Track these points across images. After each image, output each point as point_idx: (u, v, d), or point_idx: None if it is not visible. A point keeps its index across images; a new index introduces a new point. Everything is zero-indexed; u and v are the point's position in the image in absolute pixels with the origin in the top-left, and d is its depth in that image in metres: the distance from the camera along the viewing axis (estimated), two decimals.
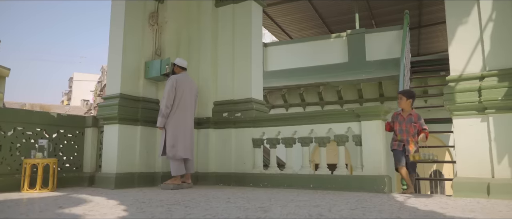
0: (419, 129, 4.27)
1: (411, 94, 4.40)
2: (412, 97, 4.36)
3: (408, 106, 4.34)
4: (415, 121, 4.29)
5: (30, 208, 3.06)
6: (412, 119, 4.30)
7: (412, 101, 4.35)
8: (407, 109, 4.35)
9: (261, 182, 4.94)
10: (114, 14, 5.26)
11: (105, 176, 4.76)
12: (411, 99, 4.34)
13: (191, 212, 2.76)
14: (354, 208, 2.96)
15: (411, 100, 4.35)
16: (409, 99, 4.34)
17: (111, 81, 5.13)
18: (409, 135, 4.25)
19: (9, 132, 4.46)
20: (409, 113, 4.33)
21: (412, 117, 4.30)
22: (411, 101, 4.35)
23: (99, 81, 44.41)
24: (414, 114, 4.32)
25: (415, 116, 4.31)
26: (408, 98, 4.34)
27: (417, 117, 4.30)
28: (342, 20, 11.11)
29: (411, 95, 4.38)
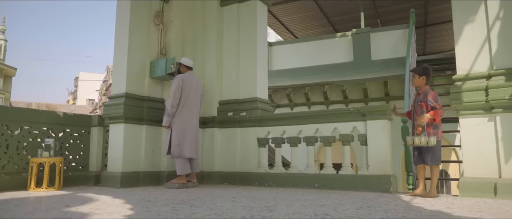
0: (428, 108, 3.71)
1: (424, 71, 3.84)
2: (426, 74, 3.82)
3: (422, 83, 3.83)
4: (422, 99, 3.77)
5: (37, 206, 3.08)
6: (419, 97, 3.81)
7: (426, 78, 3.81)
8: (421, 87, 3.85)
9: (266, 181, 4.94)
10: (120, 14, 5.27)
11: (111, 175, 4.78)
12: (424, 76, 3.82)
13: (196, 211, 2.76)
14: (360, 208, 2.95)
15: (425, 77, 3.82)
16: (423, 76, 3.82)
17: (116, 81, 5.15)
18: (416, 117, 3.78)
19: (16, 131, 4.50)
20: (419, 92, 3.87)
21: (420, 95, 3.82)
22: (425, 78, 3.81)
23: (104, 80, 44.64)
24: (423, 91, 3.80)
25: (423, 93, 3.79)
26: (421, 74, 3.83)
27: (424, 94, 3.76)
28: (347, 19, 11.07)
29: (424, 71, 3.84)
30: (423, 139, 3.62)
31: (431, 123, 3.68)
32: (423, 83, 3.83)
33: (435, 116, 3.64)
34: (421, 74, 3.83)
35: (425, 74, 3.82)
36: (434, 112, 3.64)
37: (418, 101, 3.79)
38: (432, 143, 3.60)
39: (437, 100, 3.69)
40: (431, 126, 3.68)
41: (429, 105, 3.68)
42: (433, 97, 3.71)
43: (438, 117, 3.65)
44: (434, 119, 3.64)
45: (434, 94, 3.74)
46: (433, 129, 3.69)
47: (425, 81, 3.82)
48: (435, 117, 3.64)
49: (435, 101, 3.69)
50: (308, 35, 11.99)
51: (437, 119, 3.66)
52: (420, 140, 3.63)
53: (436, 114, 3.63)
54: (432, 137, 3.61)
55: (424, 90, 3.80)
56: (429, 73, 3.85)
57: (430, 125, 3.68)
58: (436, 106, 3.66)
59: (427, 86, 3.84)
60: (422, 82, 3.83)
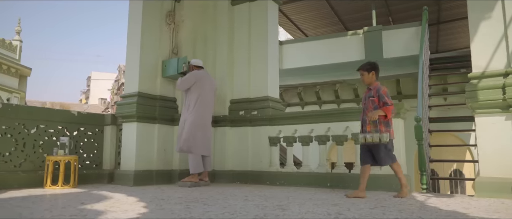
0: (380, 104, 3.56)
1: (372, 66, 3.71)
2: (374, 69, 3.69)
3: (372, 80, 3.70)
4: (374, 94, 3.63)
5: (53, 203, 3.13)
6: (371, 92, 3.67)
7: (375, 73, 3.69)
8: (372, 83, 3.71)
9: (278, 180, 4.93)
10: (132, 13, 5.32)
11: (124, 173, 4.84)
12: (373, 71, 3.68)
13: (209, 209, 2.77)
14: (373, 207, 2.92)
15: (374, 73, 3.68)
16: (372, 72, 3.68)
17: (129, 80, 5.20)
18: (367, 113, 3.62)
19: (32, 130, 4.58)
20: (369, 88, 3.73)
21: (372, 90, 3.67)
22: (375, 74, 3.69)
23: (116, 80, 45.13)
24: (374, 87, 3.66)
25: (375, 88, 3.64)
26: (370, 71, 3.69)
27: (376, 89, 3.62)
28: (358, 17, 10.99)
29: (372, 67, 3.70)
30: (375, 136, 3.49)
31: (382, 120, 3.54)
32: (373, 79, 3.71)
33: (386, 112, 3.50)
34: (370, 71, 3.70)
35: (374, 70, 3.70)
36: (386, 108, 3.50)
37: (370, 96, 3.67)
38: (385, 140, 3.46)
39: (389, 96, 3.58)
40: (382, 123, 3.54)
41: (381, 101, 3.55)
42: (386, 93, 3.59)
43: (390, 113, 3.52)
44: (385, 115, 3.51)
45: (387, 90, 3.63)
46: (385, 126, 3.55)
47: (375, 77, 3.70)
48: (387, 113, 3.50)
49: (388, 97, 3.57)
50: (318, 34, 11.93)
51: (389, 115, 3.52)
52: (372, 137, 3.50)
53: (388, 110, 3.50)
54: (385, 133, 3.47)
55: (375, 86, 3.67)
56: (377, 69, 3.73)
57: (381, 122, 3.54)
58: (388, 102, 3.52)
59: (378, 82, 3.72)
60: (372, 78, 3.71)
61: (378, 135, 3.48)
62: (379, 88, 3.62)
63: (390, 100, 3.54)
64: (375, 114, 3.49)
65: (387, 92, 3.60)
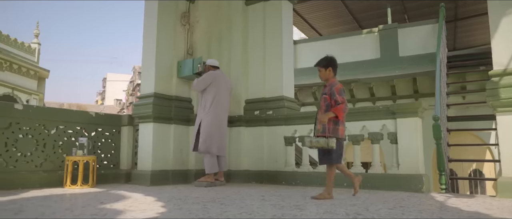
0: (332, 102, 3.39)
1: (328, 62, 3.52)
2: (331, 65, 3.51)
3: (329, 76, 3.51)
4: (327, 91, 3.45)
5: (73, 203, 3.19)
6: (326, 89, 3.49)
7: (332, 69, 3.50)
8: (329, 80, 3.52)
9: (294, 180, 4.91)
10: (148, 15, 5.38)
11: (141, 173, 4.89)
12: (330, 67, 3.50)
13: (227, 209, 2.78)
14: (392, 208, 2.88)
15: (331, 68, 3.50)
16: (328, 68, 3.50)
17: (145, 81, 5.26)
18: (321, 112, 3.46)
19: (52, 131, 4.67)
20: (325, 84, 3.55)
21: (327, 87, 3.49)
22: (332, 70, 3.50)
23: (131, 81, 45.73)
24: (329, 84, 3.48)
25: (329, 85, 3.46)
26: (326, 67, 3.51)
27: (330, 86, 3.44)
28: (373, 15, 10.86)
29: (329, 63, 3.51)
30: (321, 140, 3.32)
31: (333, 119, 3.37)
32: (331, 75, 3.51)
33: (337, 112, 3.32)
34: (326, 66, 3.51)
35: (331, 66, 3.51)
36: (336, 108, 3.33)
37: (323, 94, 3.50)
38: (331, 145, 3.28)
39: (341, 94, 3.38)
40: (331, 121, 3.37)
41: (332, 98, 3.38)
42: (338, 90, 3.39)
43: (340, 113, 3.33)
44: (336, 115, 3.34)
45: (340, 87, 3.43)
46: (334, 125, 3.37)
47: (332, 73, 3.51)
48: (337, 113, 3.32)
49: (341, 94, 3.37)
50: (333, 33, 11.85)
51: (340, 115, 3.34)
52: (318, 141, 3.33)
53: (338, 110, 3.32)
54: (332, 139, 3.29)
55: (330, 82, 3.49)
56: (335, 64, 3.53)
57: (331, 121, 3.36)
58: (338, 100, 3.33)
59: (335, 78, 3.54)
60: (329, 74, 3.51)
61: (324, 139, 3.31)
62: (333, 85, 3.43)
63: (341, 97, 3.35)
64: (325, 117, 3.34)
65: (341, 89, 3.41)
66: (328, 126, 3.36)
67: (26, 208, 2.82)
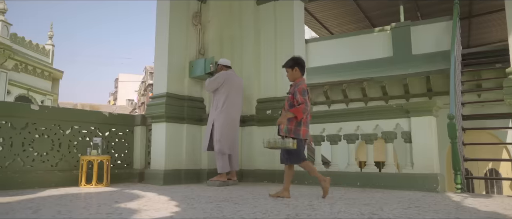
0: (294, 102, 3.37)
1: (294, 62, 3.52)
2: (297, 65, 3.50)
3: (296, 76, 3.51)
4: (291, 91, 3.43)
5: (89, 202, 3.23)
6: (291, 89, 3.48)
7: (299, 69, 3.50)
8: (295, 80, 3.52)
9: (306, 180, 4.88)
10: (160, 16, 5.43)
11: (154, 173, 4.93)
12: (296, 67, 3.49)
13: (240, 208, 2.78)
14: (407, 208, 2.85)
15: (297, 68, 3.49)
16: (295, 68, 3.50)
17: (158, 81, 5.30)
18: (284, 111, 3.46)
19: (67, 131, 4.75)
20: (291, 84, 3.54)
21: (292, 87, 3.47)
22: (299, 69, 3.49)
23: (142, 81, 46.14)
24: (294, 84, 3.47)
25: (294, 85, 3.45)
26: (293, 67, 3.51)
27: (294, 86, 3.43)
28: (385, 13, 10.75)
29: (294, 62, 3.51)
30: (279, 141, 3.31)
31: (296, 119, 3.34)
32: (298, 75, 3.50)
33: (296, 113, 3.29)
34: (293, 67, 3.51)
35: (297, 65, 3.50)
36: (295, 109, 3.30)
37: (288, 93, 3.50)
38: (288, 145, 3.26)
39: (303, 95, 3.35)
40: (294, 122, 3.35)
41: (295, 98, 3.35)
42: (301, 90, 3.36)
43: (300, 113, 3.29)
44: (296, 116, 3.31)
45: (304, 87, 3.40)
46: (296, 126, 3.36)
47: (299, 73, 3.50)
48: (297, 113, 3.29)
49: (302, 94, 3.34)
50: (344, 31, 11.77)
51: (299, 116, 3.30)
52: (276, 142, 3.31)
53: (297, 111, 3.29)
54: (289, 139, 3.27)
55: (296, 82, 3.48)
56: (301, 63, 3.52)
57: (293, 121, 3.36)
58: (299, 100, 3.31)
59: (302, 78, 3.51)
60: (296, 74, 3.50)
61: (282, 140, 3.30)
62: (297, 85, 3.41)
63: (302, 98, 3.32)
64: (283, 118, 3.34)
65: (303, 90, 3.38)
66: (290, 126, 3.36)
67: (43, 206, 2.87)
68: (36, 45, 17.45)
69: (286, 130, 3.37)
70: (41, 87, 17.34)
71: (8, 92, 15.06)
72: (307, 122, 3.44)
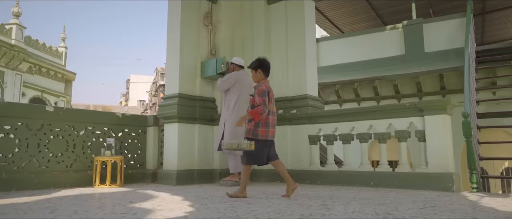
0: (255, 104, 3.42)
1: (258, 63, 3.57)
2: (261, 66, 3.55)
3: (260, 77, 3.56)
4: (254, 92, 3.48)
5: (104, 202, 3.26)
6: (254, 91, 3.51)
7: (262, 70, 3.55)
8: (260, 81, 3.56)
9: (319, 179, 4.87)
10: (171, 17, 5.46)
11: (167, 173, 4.97)
12: (260, 69, 3.55)
13: (254, 208, 2.78)
14: (423, 207, 2.81)
15: (261, 70, 3.55)
16: (258, 69, 3.55)
17: (170, 82, 5.33)
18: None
19: (81, 132, 4.81)
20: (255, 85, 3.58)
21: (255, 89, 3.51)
22: (262, 71, 3.55)
23: (153, 82, 46.50)
24: (257, 85, 3.52)
25: (256, 87, 3.51)
26: (256, 68, 3.57)
27: (256, 87, 3.48)
28: (396, 11, 10.64)
29: (258, 64, 3.56)
30: (235, 142, 3.38)
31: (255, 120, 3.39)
32: (262, 77, 3.56)
33: (253, 115, 3.36)
34: (256, 68, 3.56)
35: (260, 67, 3.55)
36: (252, 111, 3.37)
37: (250, 95, 3.53)
38: (244, 147, 3.30)
39: (262, 96, 3.38)
40: (253, 123, 3.40)
41: (255, 100, 3.42)
42: (260, 92, 3.40)
43: (257, 116, 3.34)
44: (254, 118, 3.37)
45: (264, 88, 3.43)
46: (255, 127, 3.40)
47: (262, 74, 3.55)
48: (254, 115, 3.35)
49: (261, 96, 3.38)
50: (355, 30, 11.68)
51: (256, 117, 3.35)
52: (232, 143, 3.39)
53: (254, 113, 3.35)
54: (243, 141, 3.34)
55: (259, 83, 3.53)
56: (264, 64, 3.56)
57: (252, 122, 3.40)
58: (258, 101, 3.36)
59: (265, 80, 3.56)
60: (259, 76, 3.56)
61: (236, 141, 3.38)
62: (259, 86, 3.47)
63: (261, 99, 3.37)
64: (241, 121, 3.44)
65: (263, 91, 3.41)
66: (249, 127, 3.41)
67: (59, 206, 2.91)
68: (49, 48, 17.73)
69: (245, 131, 3.45)
70: (55, 89, 17.61)
71: (23, 94, 15.34)
72: (270, 122, 3.46)
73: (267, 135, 3.43)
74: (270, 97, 3.45)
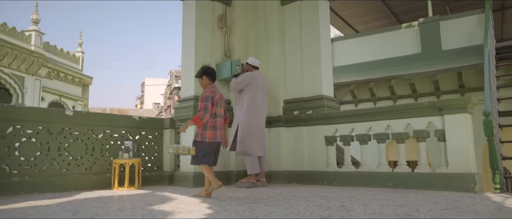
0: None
1: (202, 72, 3.76)
2: (205, 74, 3.74)
3: (206, 83, 3.75)
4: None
5: (123, 204, 3.31)
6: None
7: (208, 77, 3.73)
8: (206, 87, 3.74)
9: (336, 180, 4.83)
10: (186, 21, 5.51)
11: (184, 175, 5.00)
12: (204, 76, 3.74)
13: (272, 210, 2.77)
14: (445, 209, 2.75)
15: (206, 77, 3.74)
16: (203, 76, 3.75)
17: (185, 84, 5.37)
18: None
19: (99, 135, 4.88)
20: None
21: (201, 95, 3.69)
22: (207, 78, 3.73)
23: (168, 84, 46.93)
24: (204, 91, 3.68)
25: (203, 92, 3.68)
26: (200, 76, 3.77)
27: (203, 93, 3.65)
28: (411, 8, 10.47)
29: (203, 72, 3.76)
30: (181, 147, 3.59)
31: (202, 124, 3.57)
32: (207, 82, 3.75)
33: (194, 121, 3.54)
34: (201, 76, 3.77)
35: (205, 74, 3.75)
36: (194, 117, 3.55)
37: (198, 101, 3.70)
38: (186, 152, 3.54)
39: (204, 101, 3.56)
40: (201, 126, 3.58)
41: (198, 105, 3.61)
42: (203, 98, 3.58)
43: (197, 121, 3.51)
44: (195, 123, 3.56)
45: (207, 94, 3.60)
46: (202, 129, 3.59)
47: (207, 80, 3.74)
48: (195, 121, 3.53)
49: (203, 101, 3.56)
50: (369, 29, 11.54)
51: (198, 123, 3.53)
52: (177, 148, 3.60)
53: (194, 119, 3.53)
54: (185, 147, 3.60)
55: (205, 89, 3.72)
56: (209, 71, 3.77)
57: (200, 126, 3.58)
58: (199, 107, 3.55)
59: (211, 85, 3.74)
60: (205, 82, 3.75)
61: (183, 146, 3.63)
62: (204, 92, 3.65)
63: (202, 104, 3.54)
64: (184, 128, 3.64)
65: (206, 97, 3.58)
66: (198, 130, 3.61)
67: (81, 209, 2.96)
68: (67, 53, 18.09)
69: (195, 134, 3.66)
70: (72, 93, 17.95)
71: (42, 99, 15.68)
72: (217, 125, 3.63)
73: (215, 137, 3.64)
74: (214, 101, 3.61)
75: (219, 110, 3.68)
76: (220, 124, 3.68)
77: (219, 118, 3.69)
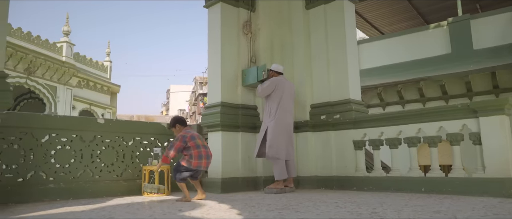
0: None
1: (173, 122, 4.25)
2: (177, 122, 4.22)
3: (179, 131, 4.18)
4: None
5: (154, 210, 3.35)
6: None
7: (179, 125, 4.21)
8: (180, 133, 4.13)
9: (366, 186, 4.72)
10: (211, 28, 5.57)
11: (212, 181, 5.03)
12: (177, 124, 4.22)
13: (302, 216, 2.74)
14: (484, 216, 2.63)
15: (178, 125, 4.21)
16: (175, 126, 4.22)
17: (212, 91, 5.42)
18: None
19: (129, 142, 4.99)
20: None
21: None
22: (179, 126, 4.21)
23: (193, 91, 47.59)
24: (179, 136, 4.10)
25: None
26: (173, 126, 4.26)
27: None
28: (439, 8, 10.22)
29: (174, 122, 4.25)
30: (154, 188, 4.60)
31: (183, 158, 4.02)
32: (181, 128, 4.19)
33: (163, 162, 4.12)
34: (173, 126, 4.23)
35: (176, 123, 4.21)
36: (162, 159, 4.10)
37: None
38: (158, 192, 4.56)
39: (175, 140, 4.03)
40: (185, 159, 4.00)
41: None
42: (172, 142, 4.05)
43: (166, 160, 4.05)
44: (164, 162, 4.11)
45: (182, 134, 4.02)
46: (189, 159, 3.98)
47: (181, 127, 4.20)
48: (164, 161, 4.11)
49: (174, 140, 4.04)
50: (395, 30, 11.32)
51: (166, 161, 4.10)
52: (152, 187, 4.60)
53: (163, 160, 4.09)
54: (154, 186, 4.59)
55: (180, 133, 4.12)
56: (178, 120, 4.26)
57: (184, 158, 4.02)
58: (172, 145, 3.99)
59: (187, 131, 4.11)
60: (179, 130, 4.18)
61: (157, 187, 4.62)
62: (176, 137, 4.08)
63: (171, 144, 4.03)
64: (158, 168, 4.44)
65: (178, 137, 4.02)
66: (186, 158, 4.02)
67: (114, 214, 3.03)
68: (96, 62, 18.70)
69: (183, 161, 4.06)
70: (102, 102, 18.52)
71: (73, 108, 16.26)
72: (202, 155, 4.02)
73: (200, 166, 4.02)
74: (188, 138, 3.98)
75: (199, 141, 4.05)
76: (205, 153, 4.04)
77: (203, 148, 4.05)
